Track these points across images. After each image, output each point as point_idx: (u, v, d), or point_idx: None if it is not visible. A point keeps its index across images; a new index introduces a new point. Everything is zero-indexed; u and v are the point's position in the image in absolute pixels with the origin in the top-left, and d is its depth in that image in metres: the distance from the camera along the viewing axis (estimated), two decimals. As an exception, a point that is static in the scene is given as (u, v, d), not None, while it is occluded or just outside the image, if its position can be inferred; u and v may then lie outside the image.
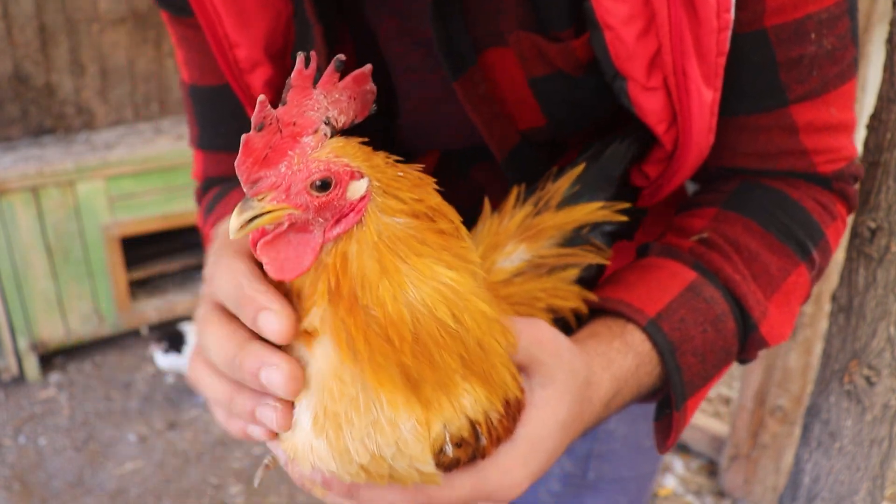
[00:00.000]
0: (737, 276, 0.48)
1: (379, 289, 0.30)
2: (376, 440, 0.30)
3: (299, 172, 0.29)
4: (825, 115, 0.49)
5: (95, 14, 2.42)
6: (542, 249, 0.43)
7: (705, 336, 0.46)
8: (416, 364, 0.29)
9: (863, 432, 1.17)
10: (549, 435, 0.39)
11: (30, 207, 2.02)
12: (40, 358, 2.18)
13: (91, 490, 1.75)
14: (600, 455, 0.74)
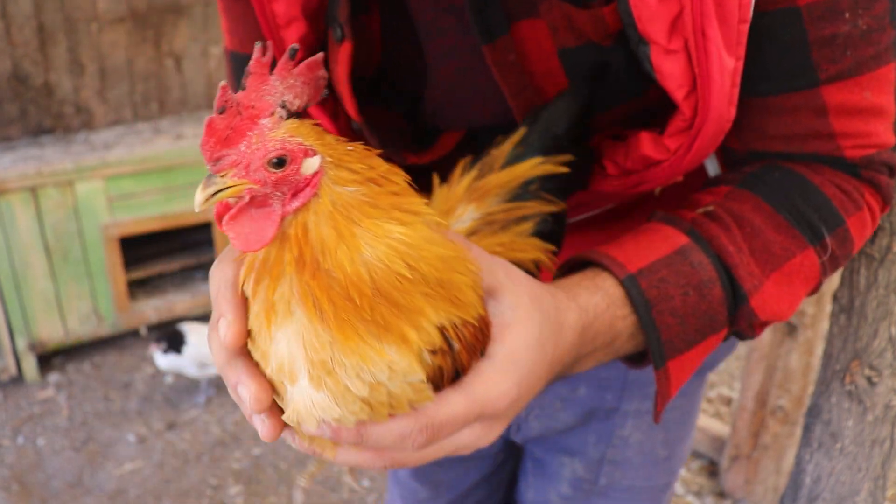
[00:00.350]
0: (731, 246, 0.47)
1: (337, 253, 0.33)
2: (370, 370, 0.33)
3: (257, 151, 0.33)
4: (857, 98, 0.47)
5: (94, 13, 2.42)
6: (490, 207, 0.46)
7: (686, 299, 0.46)
8: (381, 314, 0.33)
9: (864, 433, 1.17)
10: (525, 349, 0.40)
11: (28, 207, 2.02)
12: (39, 358, 2.18)
13: (90, 491, 1.74)
14: (613, 461, 0.73)
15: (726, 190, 0.51)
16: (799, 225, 0.48)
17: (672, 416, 0.73)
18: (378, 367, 0.33)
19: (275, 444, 1.93)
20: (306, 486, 0.45)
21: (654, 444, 0.73)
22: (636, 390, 0.70)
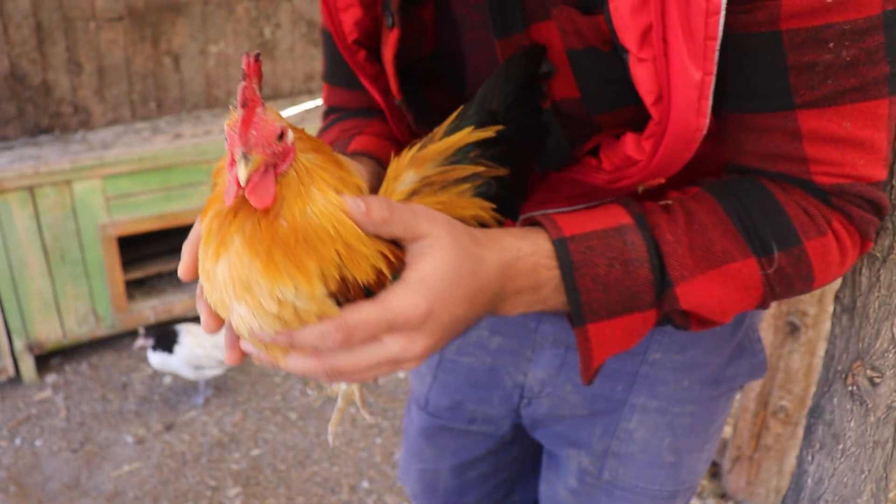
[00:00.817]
0: (670, 236, 0.51)
1: (293, 206, 0.42)
2: (279, 290, 0.42)
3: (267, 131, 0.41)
4: (835, 127, 0.48)
5: (92, 12, 2.41)
6: (427, 171, 0.52)
7: (611, 270, 0.49)
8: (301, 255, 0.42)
9: (866, 434, 1.16)
10: (436, 272, 0.45)
11: (26, 207, 2.01)
12: (36, 359, 2.17)
13: (87, 492, 1.73)
14: (617, 454, 0.75)
15: (694, 191, 0.54)
16: (747, 234, 0.51)
17: (681, 421, 0.74)
18: (285, 288, 0.42)
19: (273, 446, 1.92)
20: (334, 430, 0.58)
21: (660, 446, 0.74)
22: (645, 385, 0.72)
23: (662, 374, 0.71)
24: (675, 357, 0.71)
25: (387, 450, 1.91)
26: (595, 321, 0.50)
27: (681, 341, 0.70)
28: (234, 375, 2.20)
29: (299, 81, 3.01)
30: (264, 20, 2.84)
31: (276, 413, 2.04)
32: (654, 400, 0.72)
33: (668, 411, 0.73)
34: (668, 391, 0.72)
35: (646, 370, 0.71)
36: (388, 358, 0.45)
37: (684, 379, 0.72)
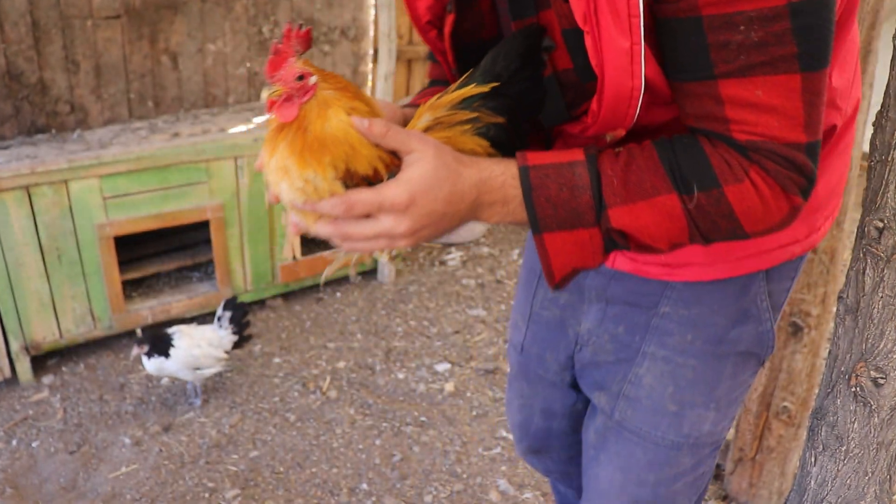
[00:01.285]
0: (609, 171, 0.64)
1: (315, 122, 0.63)
2: (304, 172, 0.63)
3: (289, 73, 0.62)
4: (748, 94, 0.59)
5: (89, 10, 2.39)
6: (438, 114, 0.70)
7: (560, 193, 0.64)
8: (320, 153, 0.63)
9: (870, 435, 1.15)
10: (419, 176, 0.62)
11: (23, 207, 1.99)
12: (33, 360, 2.15)
13: (85, 494, 1.72)
14: (627, 396, 0.86)
15: (647, 142, 0.66)
16: (673, 176, 0.63)
17: (683, 372, 0.83)
18: (308, 173, 0.63)
19: (272, 447, 1.91)
20: (329, 274, 0.81)
21: (664, 394, 0.84)
22: (656, 335, 0.83)
23: (670, 326, 0.82)
24: (681, 312, 0.82)
25: (386, 451, 1.90)
26: (548, 232, 0.65)
27: (687, 298, 0.81)
28: (232, 376, 2.19)
29: (298, 80, 2.98)
30: (263, 18, 2.83)
31: (275, 414, 2.02)
32: (661, 349, 0.83)
33: (672, 360, 0.83)
34: (673, 342, 0.82)
35: (657, 322, 0.83)
36: (381, 231, 0.63)
37: (688, 333, 0.82)
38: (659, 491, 0.88)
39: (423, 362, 2.29)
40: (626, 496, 0.89)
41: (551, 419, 1.05)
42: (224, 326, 2.03)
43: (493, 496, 1.75)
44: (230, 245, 2.38)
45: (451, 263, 2.96)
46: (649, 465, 0.86)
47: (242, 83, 2.82)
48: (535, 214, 0.65)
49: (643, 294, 0.83)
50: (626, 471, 0.88)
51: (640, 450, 0.87)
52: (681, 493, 0.90)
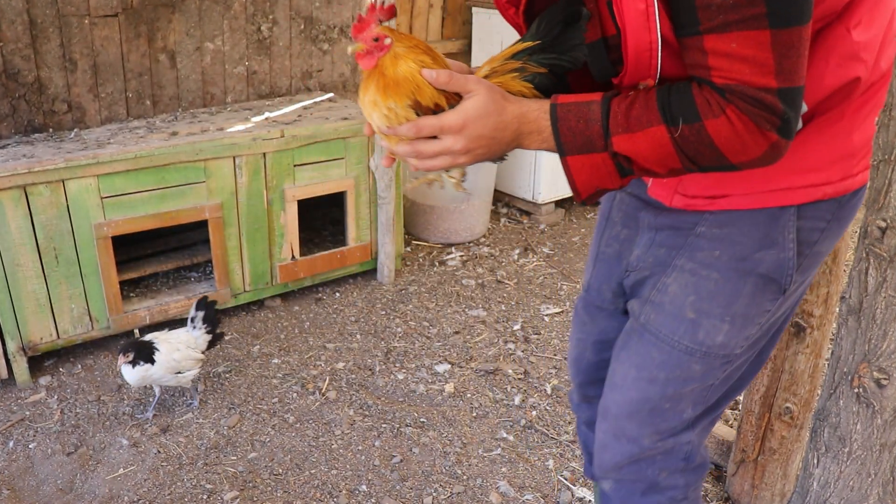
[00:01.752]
0: (616, 108, 0.80)
1: (390, 68, 0.84)
2: (388, 104, 0.84)
3: (368, 35, 0.84)
4: (725, 46, 0.73)
5: (87, 8, 2.38)
6: (494, 65, 0.90)
7: (578, 124, 0.82)
8: (397, 89, 0.84)
9: (873, 436, 1.14)
10: (471, 108, 0.82)
11: (19, 206, 1.98)
12: (30, 360, 2.14)
13: (82, 496, 1.71)
14: (653, 301, 0.98)
15: (652, 88, 0.81)
16: (664, 112, 0.78)
17: (705, 284, 0.94)
18: (390, 103, 0.84)
19: (271, 449, 1.89)
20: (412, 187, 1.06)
21: (684, 301, 0.94)
22: (688, 251, 0.95)
23: (702, 242, 0.94)
24: (714, 230, 0.93)
25: (386, 452, 1.89)
26: (570, 155, 0.83)
27: (722, 220, 0.92)
28: (230, 377, 2.18)
29: (297, 79, 2.98)
30: (261, 17, 2.82)
31: (274, 415, 2.01)
32: (690, 262, 0.95)
33: (697, 272, 0.94)
34: (701, 256, 0.94)
35: (692, 240, 0.95)
36: (443, 149, 0.83)
37: (716, 248, 0.93)
38: (667, 391, 0.97)
39: (423, 363, 2.28)
40: (636, 390, 0.99)
41: (604, 350, 1.16)
42: (198, 327, 2.01)
43: (493, 498, 1.74)
44: (228, 245, 2.37)
45: (451, 263, 2.94)
46: (662, 365, 0.96)
47: (241, 82, 2.81)
48: (560, 140, 0.83)
49: (686, 220, 0.96)
50: (641, 368, 0.99)
51: (655, 350, 0.97)
52: (687, 399, 0.98)
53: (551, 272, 2.90)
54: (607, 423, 1.04)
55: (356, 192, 2.60)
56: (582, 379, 1.24)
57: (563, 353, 2.36)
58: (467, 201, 3.09)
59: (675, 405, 0.98)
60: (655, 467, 1.02)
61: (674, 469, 1.02)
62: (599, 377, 1.17)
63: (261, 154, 2.34)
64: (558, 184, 3.41)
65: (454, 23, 3.50)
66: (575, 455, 1.89)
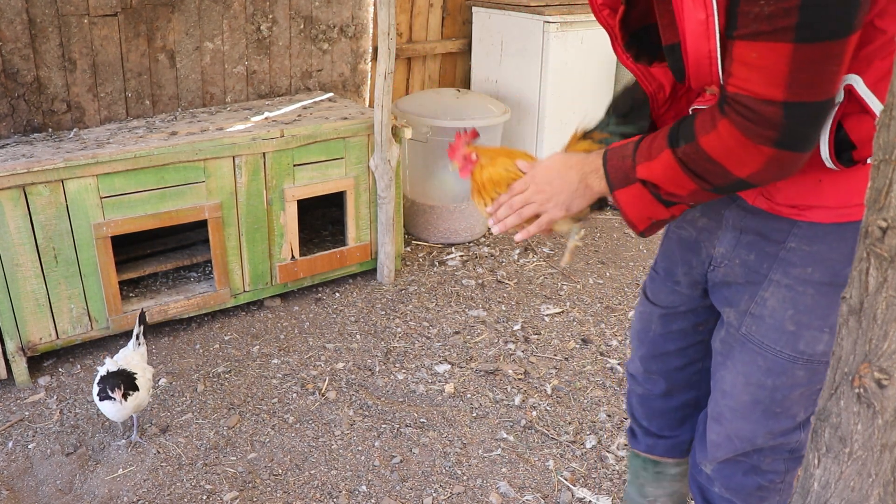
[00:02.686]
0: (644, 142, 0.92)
1: (478, 174, 1.12)
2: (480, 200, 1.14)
3: (462, 155, 1.14)
4: (747, 55, 0.75)
5: (86, 8, 2.38)
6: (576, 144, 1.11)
7: (618, 161, 0.95)
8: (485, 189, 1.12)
9: (874, 437, 1.14)
10: (543, 161, 1.03)
11: (19, 206, 1.98)
12: (29, 360, 2.14)
13: (81, 496, 1.71)
14: (753, 314, 1.03)
15: None
16: (670, 136, 0.87)
17: (802, 299, 0.99)
18: (484, 199, 1.12)
19: (270, 449, 1.89)
20: (566, 261, 1.18)
21: (783, 315, 0.99)
22: (782, 265, 0.99)
23: (794, 258, 0.98)
24: (804, 247, 0.97)
25: (386, 453, 1.89)
26: (616, 190, 0.95)
27: (811, 236, 0.96)
28: (230, 378, 2.18)
29: (297, 78, 2.98)
30: (261, 16, 2.81)
31: (273, 416, 2.01)
32: (785, 278, 0.99)
33: (793, 288, 0.99)
34: (796, 272, 0.98)
35: (783, 254, 0.99)
36: (524, 199, 1.03)
37: (809, 266, 0.97)
38: (776, 396, 1.03)
39: (423, 363, 2.27)
40: (747, 395, 1.05)
41: (672, 322, 1.23)
42: (142, 342, 1.92)
43: (493, 498, 1.74)
44: (228, 245, 2.37)
45: (451, 263, 2.94)
46: (768, 372, 1.02)
47: (241, 82, 2.81)
48: (608, 177, 0.96)
49: (774, 229, 0.99)
50: (748, 375, 1.04)
51: (760, 358, 1.02)
52: (797, 403, 1.03)
53: (551, 272, 2.89)
54: (721, 426, 1.10)
55: (356, 192, 2.59)
56: (645, 351, 1.28)
57: (563, 354, 2.36)
58: (467, 201, 3.09)
59: (787, 409, 1.03)
60: (762, 456, 1.09)
61: (777, 458, 1.09)
62: (665, 350, 1.25)
63: (260, 154, 2.34)
64: (558, 183, 3.41)
65: (454, 22, 3.50)
66: (575, 455, 1.89)
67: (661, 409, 1.32)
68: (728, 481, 1.13)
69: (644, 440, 1.38)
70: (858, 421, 1.21)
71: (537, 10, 3.11)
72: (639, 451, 1.40)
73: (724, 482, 1.14)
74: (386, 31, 2.41)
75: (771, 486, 1.12)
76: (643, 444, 1.38)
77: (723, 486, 1.15)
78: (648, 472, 1.40)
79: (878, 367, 1.19)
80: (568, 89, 3.23)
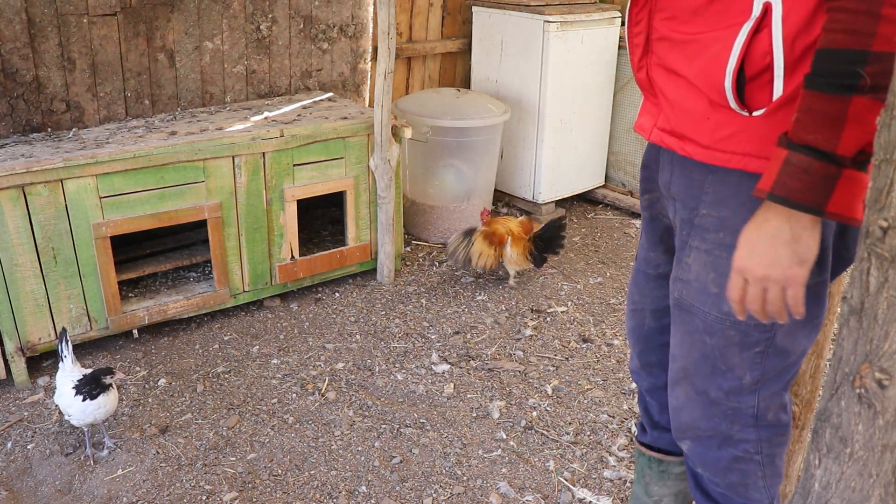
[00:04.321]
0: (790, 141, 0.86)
1: (499, 253, 2.47)
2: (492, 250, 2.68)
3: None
4: None
5: (85, 7, 2.37)
6: None
7: (797, 181, 0.83)
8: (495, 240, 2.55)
9: (875, 437, 1.13)
10: (742, 236, 0.88)
11: (18, 206, 1.98)
12: (28, 361, 2.14)
13: (80, 497, 1.71)
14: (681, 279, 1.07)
15: None
16: (834, 86, 0.80)
17: (719, 262, 1.00)
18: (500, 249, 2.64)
19: (270, 449, 1.89)
20: None
21: (707, 278, 1.02)
22: (697, 233, 1.02)
23: (708, 223, 1.01)
24: (713, 214, 1.00)
25: (385, 453, 1.88)
26: (825, 205, 0.84)
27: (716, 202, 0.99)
28: (229, 377, 2.18)
29: (296, 78, 2.97)
30: (260, 15, 2.81)
31: (273, 416, 2.01)
32: (703, 243, 1.02)
33: (711, 252, 1.01)
34: (711, 237, 1.01)
35: (699, 221, 1.02)
36: (739, 284, 0.90)
37: (720, 231, 1.00)
38: (716, 353, 1.06)
39: (423, 363, 2.27)
40: (695, 350, 1.08)
41: (664, 317, 1.23)
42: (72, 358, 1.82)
43: (493, 499, 1.74)
44: (228, 245, 2.36)
45: (451, 263, 2.94)
46: (704, 331, 1.04)
47: (240, 81, 2.80)
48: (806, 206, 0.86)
49: (688, 196, 1.02)
50: (691, 334, 1.07)
51: (697, 319, 1.06)
52: (738, 363, 1.05)
53: (552, 272, 2.89)
54: (680, 386, 1.13)
55: (356, 192, 2.59)
56: (642, 347, 1.30)
57: (563, 354, 2.36)
58: (467, 201, 3.08)
59: (731, 368, 1.05)
60: (727, 421, 1.09)
61: (745, 424, 1.09)
62: (660, 342, 1.26)
63: (260, 154, 2.33)
64: (558, 184, 3.40)
65: (454, 22, 3.50)
66: (575, 455, 1.89)
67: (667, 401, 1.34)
68: (703, 457, 1.14)
69: (651, 433, 1.39)
70: (859, 421, 1.20)
71: (537, 9, 3.10)
72: (643, 445, 1.41)
73: (700, 460, 1.15)
74: (386, 31, 2.41)
75: (747, 458, 1.11)
76: (649, 436, 1.39)
77: (701, 464, 1.15)
78: (653, 471, 1.41)
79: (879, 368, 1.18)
80: (568, 89, 3.23)
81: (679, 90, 0.99)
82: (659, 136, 1.04)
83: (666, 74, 1.01)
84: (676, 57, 0.98)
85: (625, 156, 3.60)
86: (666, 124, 1.03)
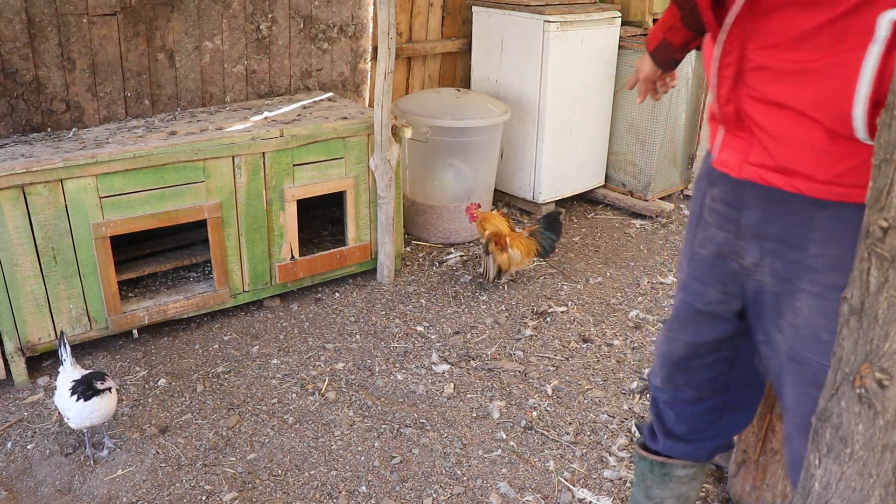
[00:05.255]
0: None
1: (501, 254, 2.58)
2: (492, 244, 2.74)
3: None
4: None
5: (85, 7, 2.37)
6: None
7: None
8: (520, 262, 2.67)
9: (875, 437, 1.13)
10: None
11: (18, 206, 1.98)
12: (28, 361, 2.14)
13: (80, 497, 1.71)
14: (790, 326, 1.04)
15: None
16: None
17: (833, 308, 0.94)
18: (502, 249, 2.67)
19: (270, 450, 1.89)
20: None
21: (818, 324, 0.97)
22: (807, 274, 0.98)
23: (818, 265, 0.97)
24: (825, 253, 0.96)
25: (385, 454, 1.88)
26: None
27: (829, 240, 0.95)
28: (229, 377, 2.18)
29: (296, 78, 2.97)
30: (260, 15, 2.81)
31: (273, 416, 2.01)
32: (813, 286, 0.97)
33: (822, 296, 0.96)
34: (823, 279, 0.96)
35: (809, 262, 0.97)
36: None
37: (833, 271, 0.95)
38: None
39: (423, 363, 2.27)
40: (807, 407, 1.02)
41: (695, 352, 1.22)
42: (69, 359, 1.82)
43: (493, 499, 1.74)
44: (227, 245, 2.36)
45: (451, 263, 2.94)
46: (816, 384, 0.99)
47: (240, 81, 2.80)
48: None
49: (793, 234, 0.97)
50: (800, 385, 1.03)
51: (807, 371, 1.01)
52: None
53: (552, 272, 2.89)
54: (791, 446, 1.10)
55: (356, 192, 2.59)
56: (670, 370, 1.28)
57: (563, 354, 2.36)
58: (467, 201, 3.08)
59: None
60: None
61: None
62: (691, 366, 1.26)
63: (260, 154, 2.33)
64: (558, 184, 3.40)
65: (454, 22, 3.50)
66: (575, 456, 1.89)
67: (689, 414, 1.31)
68: None
69: (664, 441, 1.36)
70: (859, 421, 1.20)
71: (537, 9, 3.10)
72: (649, 452, 1.39)
73: None
74: (386, 31, 2.41)
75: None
76: (661, 444, 1.37)
77: None
78: (655, 474, 1.39)
79: (879, 368, 1.18)
80: (568, 89, 3.23)
81: (786, 123, 0.92)
82: (755, 173, 0.97)
83: (766, 107, 0.94)
84: (782, 88, 0.91)
85: (625, 156, 3.60)
86: (767, 160, 0.96)
